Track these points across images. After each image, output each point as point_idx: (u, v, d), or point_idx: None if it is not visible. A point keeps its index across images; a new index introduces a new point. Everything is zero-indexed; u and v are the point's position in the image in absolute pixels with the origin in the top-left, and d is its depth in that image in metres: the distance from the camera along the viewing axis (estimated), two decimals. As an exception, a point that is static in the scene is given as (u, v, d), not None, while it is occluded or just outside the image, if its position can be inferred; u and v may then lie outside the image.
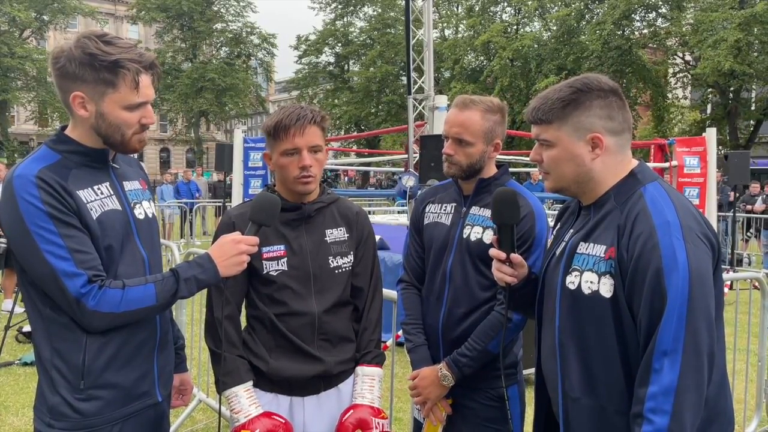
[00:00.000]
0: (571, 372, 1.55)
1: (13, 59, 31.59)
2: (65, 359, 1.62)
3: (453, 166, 2.15)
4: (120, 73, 1.60)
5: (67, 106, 1.65)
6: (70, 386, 1.62)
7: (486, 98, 2.18)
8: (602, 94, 1.53)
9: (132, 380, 1.71)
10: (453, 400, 2.19)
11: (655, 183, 1.51)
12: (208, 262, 1.70)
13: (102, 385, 1.65)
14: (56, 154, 1.64)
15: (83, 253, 1.56)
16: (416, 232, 2.34)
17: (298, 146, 1.89)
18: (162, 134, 50.33)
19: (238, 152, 9.44)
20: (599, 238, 1.50)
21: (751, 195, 12.87)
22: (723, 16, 22.57)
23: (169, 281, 1.65)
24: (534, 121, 1.60)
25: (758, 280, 3.75)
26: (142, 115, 1.67)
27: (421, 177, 6.00)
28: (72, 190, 1.59)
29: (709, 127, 15.42)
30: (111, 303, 1.57)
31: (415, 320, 2.26)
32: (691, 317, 1.33)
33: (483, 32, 29.86)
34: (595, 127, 1.52)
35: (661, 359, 1.34)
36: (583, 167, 1.54)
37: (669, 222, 1.39)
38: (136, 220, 1.76)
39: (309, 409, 1.98)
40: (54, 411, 1.62)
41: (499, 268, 1.73)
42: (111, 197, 1.69)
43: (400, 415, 4.19)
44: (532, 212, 2.09)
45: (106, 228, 1.64)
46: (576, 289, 1.52)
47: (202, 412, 4.40)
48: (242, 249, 1.73)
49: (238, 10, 40.56)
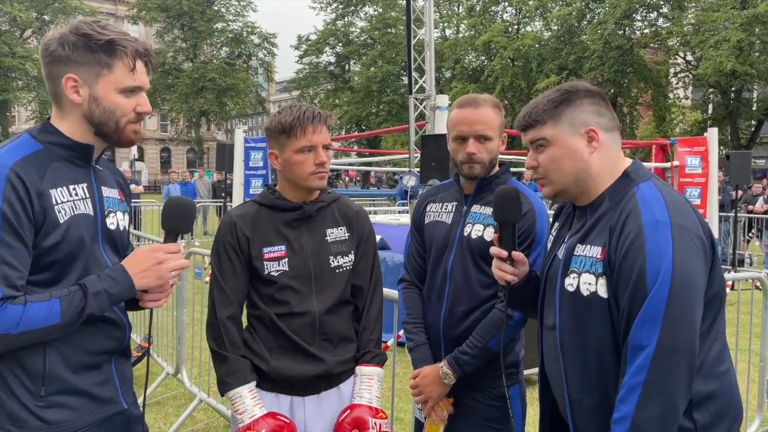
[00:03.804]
0: (574, 373, 1.56)
1: (14, 59, 31.64)
2: (23, 365, 1.51)
3: (477, 165, 2.12)
4: (117, 52, 1.55)
5: (55, 94, 1.58)
6: (29, 393, 1.51)
7: (487, 95, 2.19)
8: (590, 94, 1.58)
9: (95, 385, 1.62)
10: (454, 399, 2.18)
11: (648, 182, 1.52)
12: (121, 274, 1.56)
13: (65, 391, 1.56)
14: (38, 143, 1.55)
15: (12, 269, 1.44)
16: (417, 232, 2.33)
17: (315, 143, 1.92)
18: (163, 134, 50.37)
19: (238, 152, 9.44)
20: (595, 239, 1.51)
21: (752, 195, 12.86)
22: (724, 16, 22.55)
23: (77, 297, 1.49)
24: (527, 125, 1.61)
25: (760, 280, 3.74)
26: (137, 102, 1.61)
27: (422, 177, 5.99)
28: (44, 190, 1.50)
29: (711, 127, 15.42)
30: (7, 323, 1.41)
31: (416, 319, 2.25)
32: (669, 315, 1.35)
33: (484, 32, 29.87)
34: (590, 122, 1.55)
35: (634, 353, 1.37)
36: (582, 162, 1.55)
37: (658, 221, 1.40)
38: (106, 228, 1.66)
39: (310, 409, 1.98)
40: (13, 417, 1.51)
41: (499, 267, 1.73)
42: (85, 200, 1.60)
43: (401, 415, 4.18)
44: (533, 209, 2.09)
45: (71, 233, 1.54)
46: (575, 291, 1.53)
47: (203, 412, 4.39)
48: (160, 258, 1.60)
49: (239, 10, 40.61)
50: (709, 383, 1.46)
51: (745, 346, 4.17)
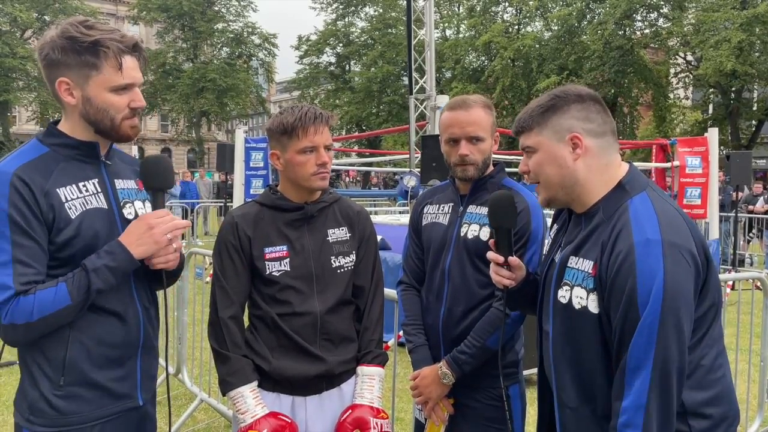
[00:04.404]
0: (565, 382, 1.58)
1: (15, 59, 31.60)
2: (47, 354, 1.60)
3: (470, 166, 2.13)
4: (101, 53, 1.57)
5: (56, 96, 1.63)
6: (50, 382, 1.60)
7: (477, 96, 2.20)
8: (579, 99, 1.57)
9: (113, 380, 1.68)
10: (455, 400, 2.19)
11: (642, 194, 1.51)
12: (117, 247, 1.62)
13: (82, 383, 1.63)
14: (44, 147, 1.62)
15: (25, 266, 1.52)
16: (415, 234, 2.34)
17: (317, 144, 1.93)
18: (163, 134, 50.36)
19: (239, 152, 9.45)
20: (588, 253, 1.52)
21: (753, 195, 12.86)
22: (725, 16, 22.53)
23: (79, 276, 1.56)
24: (518, 131, 1.64)
25: (760, 280, 3.75)
26: (130, 98, 1.64)
27: (423, 177, 5.99)
28: (51, 190, 1.55)
29: (711, 127, 15.42)
30: (23, 313, 1.50)
31: (415, 321, 2.26)
32: (662, 335, 1.36)
33: (484, 32, 29.82)
34: (574, 128, 1.55)
35: (633, 375, 1.39)
36: (566, 169, 1.56)
37: (649, 239, 1.40)
38: (124, 219, 1.71)
39: (311, 409, 1.98)
40: (33, 407, 1.61)
41: (497, 272, 1.75)
42: (97, 195, 1.66)
43: (401, 416, 4.18)
44: (527, 207, 2.10)
45: (84, 228, 1.60)
46: (567, 303, 1.54)
47: (203, 412, 4.40)
48: (151, 223, 1.64)
49: (239, 10, 40.57)
50: (703, 391, 1.47)
51: (746, 346, 4.18)
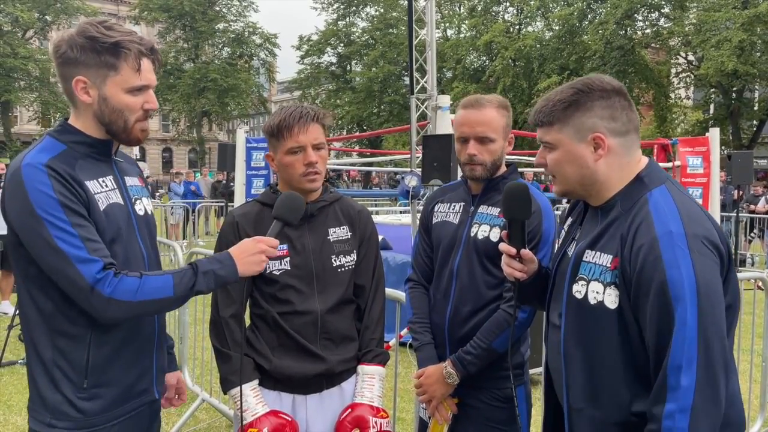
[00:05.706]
0: (575, 381, 1.53)
1: (16, 60, 31.64)
2: (68, 357, 1.60)
3: (478, 166, 2.12)
4: (121, 54, 1.60)
5: (69, 94, 1.64)
6: (73, 385, 1.61)
7: (493, 96, 2.18)
8: (604, 95, 1.49)
9: (134, 378, 1.71)
10: (459, 400, 2.18)
11: (662, 187, 1.47)
12: (228, 259, 1.68)
13: (105, 383, 1.64)
14: (61, 144, 1.63)
15: (94, 242, 1.54)
16: (425, 232, 2.34)
17: (303, 144, 1.91)
18: (164, 134, 50.40)
19: (240, 152, 9.44)
20: (605, 246, 1.47)
21: (754, 195, 12.84)
22: (726, 16, 22.50)
23: (188, 273, 1.62)
24: (537, 124, 1.58)
25: (762, 280, 3.74)
26: (144, 99, 1.67)
27: (424, 177, 5.98)
28: (81, 180, 1.58)
29: (712, 127, 15.40)
30: (128, 291, 1.53)
31: (422, 319, 2.25)
32: (703, 331, 1.30)
33: (485, 32, 29.83)
34: (597, 128, 1.48)
35: (676, 376, 1.30)
36: (586, 169, 1.51)
37: (672, 232, 1.35)
38: (137, 215, 1.76)
39: (311, 408, 1.98)
40: (56, 410, 1.60)
41: (508, 264, 1.70)
42: (114, 191, 1.69)
43: (403, 415, 4.18)
44: (539, 209, 2.09)
45: (110, 221, 1.63)
46: (582, 299, 1.49)
47: (205, 412, 4.40)
48: (262, 248, 1.71)
49: (240, 10, 40.58)
50: None
51: (747, 347, 4.17)
